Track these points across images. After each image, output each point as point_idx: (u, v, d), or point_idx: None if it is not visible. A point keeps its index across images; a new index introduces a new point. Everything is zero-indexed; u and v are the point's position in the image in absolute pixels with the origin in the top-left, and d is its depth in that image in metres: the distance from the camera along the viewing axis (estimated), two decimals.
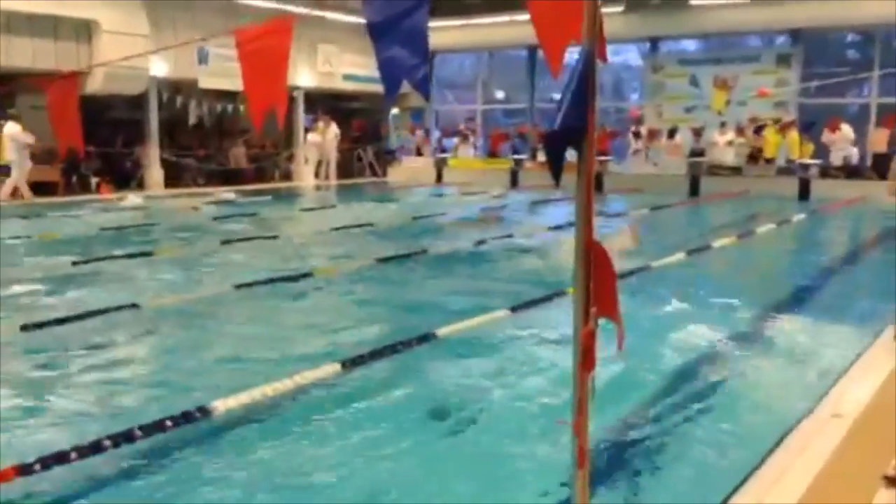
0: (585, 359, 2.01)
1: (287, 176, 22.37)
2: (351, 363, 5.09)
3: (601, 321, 2.08)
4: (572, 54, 2.11)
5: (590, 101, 1.95)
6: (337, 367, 5.02)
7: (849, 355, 5.31)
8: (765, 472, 3.49)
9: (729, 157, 19.26)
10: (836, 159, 18.21)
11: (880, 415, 4.15)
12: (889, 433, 3.85)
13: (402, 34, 2.25)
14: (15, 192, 15.75)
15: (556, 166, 2.00)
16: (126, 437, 3.90)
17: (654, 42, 22.35)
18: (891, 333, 5.51)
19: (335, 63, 22.40)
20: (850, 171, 17.79)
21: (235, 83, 19.86)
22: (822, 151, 18.58)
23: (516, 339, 6.04)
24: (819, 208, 14.87)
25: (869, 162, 18.21)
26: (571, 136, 1.97)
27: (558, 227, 12.03)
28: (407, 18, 2.25)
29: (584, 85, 1.94)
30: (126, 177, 18.59)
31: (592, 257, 1.99)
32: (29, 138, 15.45)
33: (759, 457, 3.65)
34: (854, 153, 18.40)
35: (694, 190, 18.34)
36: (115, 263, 8.89)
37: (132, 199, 16.07)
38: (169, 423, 4.11)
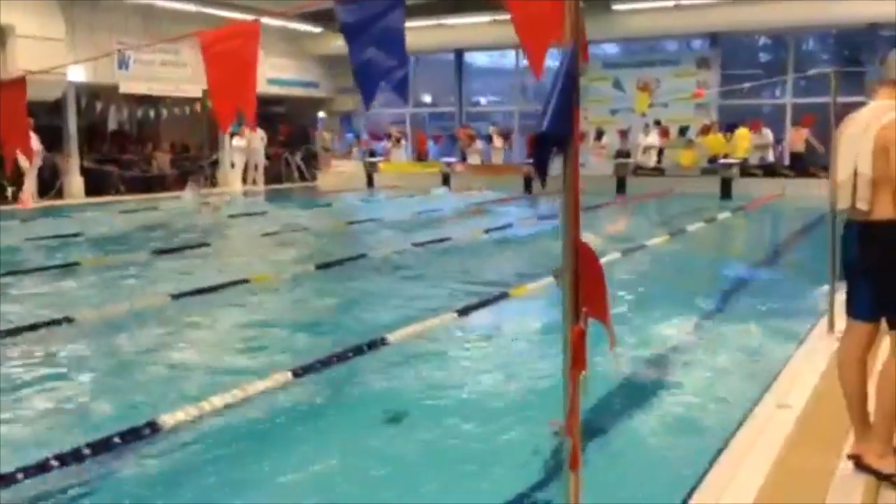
0: (576, 359, 2.01)
1: (213, 181, 21.92)
2: (302, 371, 5.01)
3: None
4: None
5: (575, 102, 1.96)
6: (288, 375, 4.93)
7: (787, 347, 5.48)
8: (719, 468, 3.53)
9: (652, 160, 19.73)
10: (754, 159, 18.87)
11: (826, 403, 4.29)
12: (836, 422, 3.98)
13: (378, 35, 2.21)
14: None
15: (542, 169, 2.00)
16: (75, 455, 3.75)
17: None
18: (825, 323, 5.71)
19: (259, 67, 22.06)
20: (768, 170, 18.45)
21: (157, 88, 19.48)
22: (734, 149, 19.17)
23: (464, 342, 6.04)
24: (744, 206, 15.36)
25: (787, 160, 18.91)
26: (558, 138, 1.97)
27: (495, 229, 12.12)
28: (382, 19, 2.21)
29: (568, 86, 1.94)
30: (44, 185, 17.88)
31: (580, 257, 2.00)
32: None
33: (710, 453, 3.71)
34: (770, 153, 19.12)
35: (621, 190, 18.73)
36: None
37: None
38: (117, 439, 3.98)
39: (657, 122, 20.15)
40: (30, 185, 16.71)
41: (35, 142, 15.75)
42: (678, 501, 3.20)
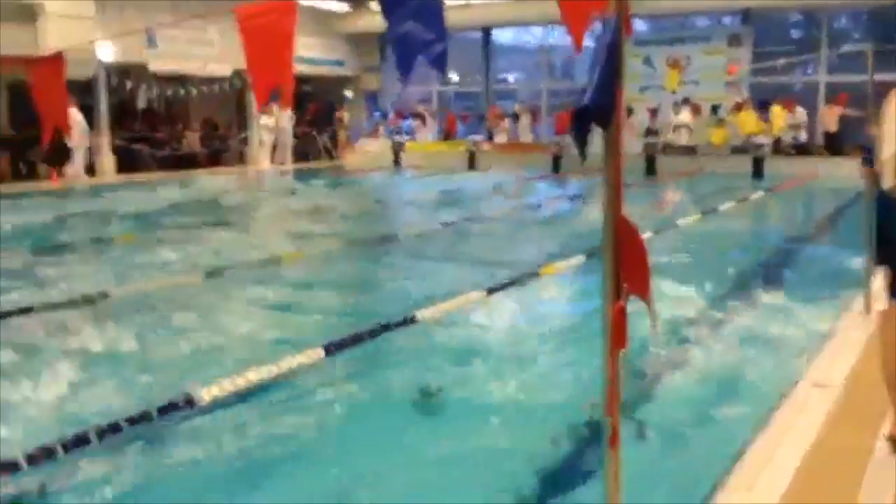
0: (616, 337, 2.00)
1: (242, 160, 22.02)
2: (335, 347, 5.03)
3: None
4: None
5: (618, 77, 1.93)
6: (320, 352, 4.95)
7: (823, 327, 5.42)
8: (757, 447, 3.52)
9: (683, 138, 19.48)
10: (786, 138, 18.56)
11: (862, 383, 4.25)
12: (874, 400, 3.94)
13: (417, 9, 2.18)
14: None
15: (581, 143, 1.97)
16: (114, 428, 3.80)
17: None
18: (861, 303, 5.63)
19: None
20: (801, 149, 18.15)
21: (185, 66, 19.57)
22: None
23: (493, 321, 6.03)
24: (776, 186, 15.15)
25: (821, 140, 18.59)
26: (599, 114, 1.94)
27: (527, 208, 12.09)
28: None
29: (612, 60, 1.91)
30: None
31: (622, 234, 1.97)
32: None
33: (748, 432, 3.68)
34: (803, 132, 18.81)
35: (650, 169, 18.52)
36: None
37: None
38: (154, 413, 4.02)
39: (685, 101, 19.87)
40: (79, 160, 17.04)
41: (81, 119, 16.48)
42: (715, 478, 3.18)
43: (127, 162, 18.88)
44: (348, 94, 25.43)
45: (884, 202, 3.42)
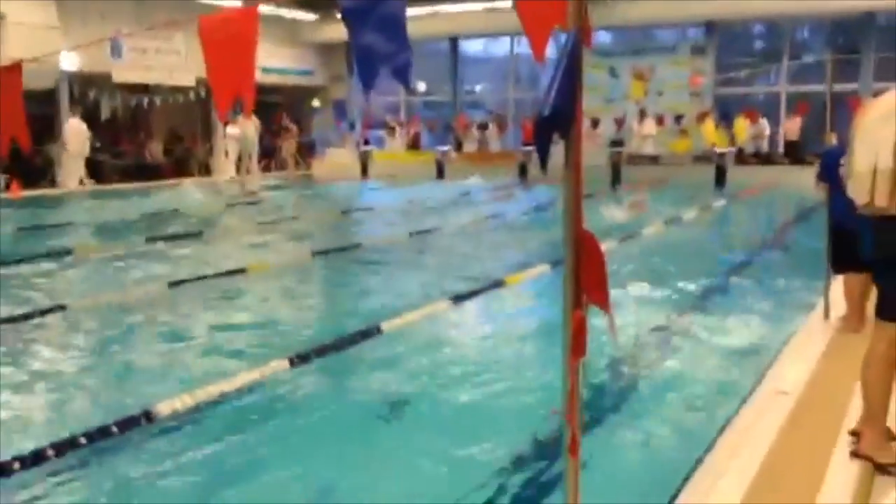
0: (576, 345, 2.01)
1: (208, 170, 21.82)
2: (298, 359, 5.01)
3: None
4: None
5: (577, 87, 1.95)
6: (285, 363, 4.93)
7: (783, 334, 5.50)
8: (716, 453, 3.55)
9: (649, 148, 19.73)
10: (749, 147, 18.88)
11: (822, 388, 4.32)
12: (832, 405, 4.01)
13: (379, 21, 2.19)
14: None
15: (543, 153, 1.99)
16: (72, 444, 3.75)
17: None
18: (821, 310, 5.73)
19: None
20: (763, 158, 18.45)
21: (150, 76, 19.39)
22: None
23: (459, 330, 6.05)
24: (738, 194, 15.37)
25: (781, 148, 18.92)
26: (559, 123, 1.96)
27: (493, 217, 12.14)
28: (383, 5, 2.20)
29: (572, 71, 1.93)
30: (36, 174, 17.79)
31: (582, 244, 1.99)
32: None
33: (708, 439, 3.72)
34: (765, 141, 19.15)
35: (616, 178, 18.69)
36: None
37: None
38: (114, 428, 3.97)
39: (642, 112, 20.17)
40: (76, 169, 17.41)
41: (82, 129, 17.27)
42: (676, 483, 3.21)
43: (89, 173, 18.60)
44: (316, 103, 25.34)
45: (843, 213, 3.46)
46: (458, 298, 6.68)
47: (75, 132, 17.52)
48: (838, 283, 5.56)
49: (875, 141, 3.19)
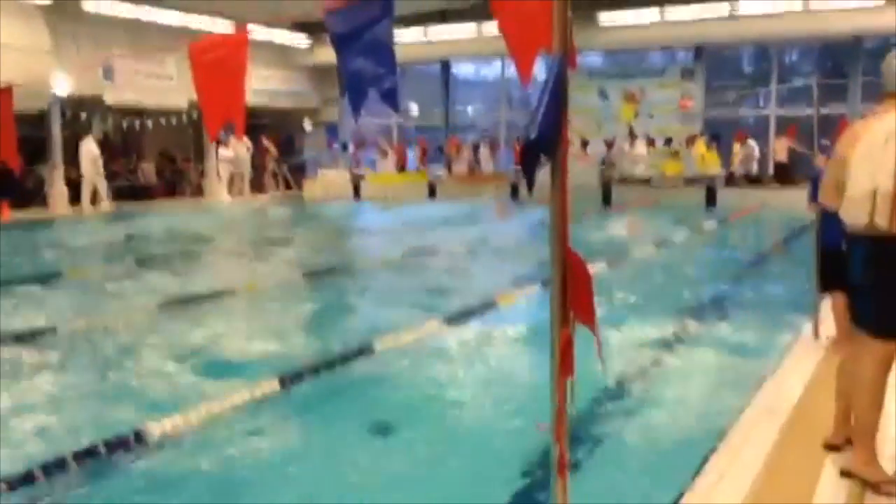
0: (563, 364, 2.03)
1: (199, 191, 21.83)
2: (290, 380, 5.00)
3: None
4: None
5: (563, 109, 1.98)
6: (275, 384, 4.92)
7: (773, 354, 5.52)
8: (707, 474, 3.56)
9: (640, 169, 19.84)
10: (738, 169, 19.01)
11: (812, 407, 4.33)
12: (823, 424, 4.02)
13: (367, 45, 2.22)
14: None
15: (530, 176, 2.02)
16: (61, 465, 3.73)
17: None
18: (810, 330, 5.76)
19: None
20: (752, 180, 18.57)
21: (142, 98, 19.43)
22: (727, 161, 19.37)
23: (452, 350, 6.04)
24: (729, 216, 15.46)
25: (770, 170, 19.05)
26: (545, 146, 1.99)
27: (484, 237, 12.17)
28: (371, 29, 2.23)
29: (557, 93, 1.96)
30: (27, 196, 17.76)
31: (569, 264, 2.01)
32: None
33: (700, 456, 3.73)
34: (755, 164, 19.29)
35: (606, 199, 18.77)
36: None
37: None
38: (102, 448, 3.95)
39: (632, 134, 20.34)
40: (88, 190, 17.71)
41: (94, 147, 17.55)
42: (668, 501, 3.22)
43: (80, 194, 18.57)
44: (307, 125, 25.42)
45: (834, 233, 3.49)
46: (451, 319, 6.70)
47: (89, 154, 17.82)
48: (828, 303, 5.59)
49: (874, 164, 3.23)
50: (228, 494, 3.66)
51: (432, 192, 21.18)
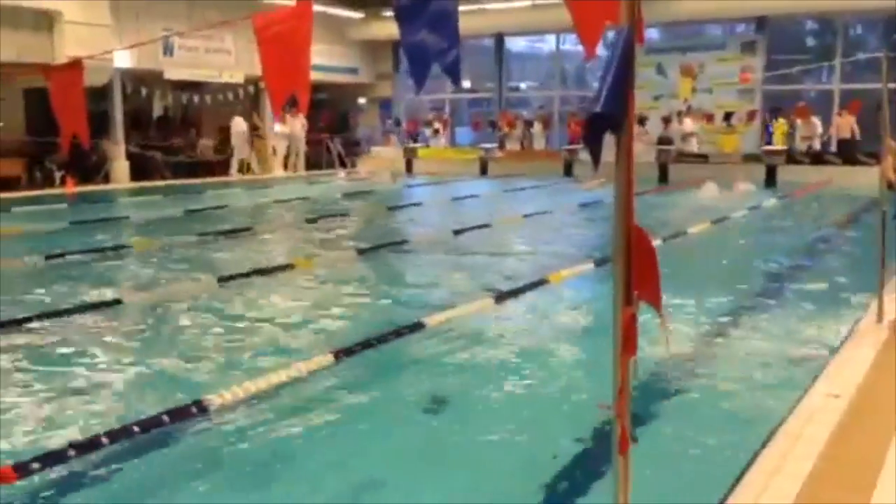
0: (626, 343, 2.01)
1: (248, 168, 22.10)
2: (344, 353, 5.05)
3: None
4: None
5: (630, 84, 1.94)
6: (329, 357, 4.97)
7: (836, 336, 5.40)
8: (767, 455, 3.50)
9: (692, 146, 19.49)
10: (800, 146, 18.52)
11: (874, 392, 4.23)
12: (885, 409, 3.93)
13: (431, 17, 2.20)
14: None
15: (594, 150, 1.98)
16: (125, 432, 3.83)
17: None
18: (874, 312, 5.61)
19: None
20: (815, 157, 18.08)
21: (200, 74, 19.73)
22: (789, 137, 18.92)
23: (502, 328, 6.04)
24: (789, 194, 15.10)
25: (833, 147, 18.53)
26: (611, 121, 1.95)
27: (531, 215, 12.11)
28: (434, 1, 2.21)
29: (624, 68, 1.92)
30: (91, 170, 18.22)
31: (633, 241, 1.98)
32: None
33: (758, 441, 3.67)
34: (817, 140, 18.76)
35: (663, 177, 18.49)
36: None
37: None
38: (165, 417, 4.05)
39: (681, 111, 19.95)
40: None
41: (242, 123, 18.55)
42: (726, 487, 3.17)
43: (141, 169, 19.00)
44: (362, 101, 25.52)
45: None
46: (501, 296, 6.69)
47: (238, 127, 19.29)
48: (892, 286, 5.44)
49: None
50: (281, 466, 3.72)
51: (484, 170, 21.12)
